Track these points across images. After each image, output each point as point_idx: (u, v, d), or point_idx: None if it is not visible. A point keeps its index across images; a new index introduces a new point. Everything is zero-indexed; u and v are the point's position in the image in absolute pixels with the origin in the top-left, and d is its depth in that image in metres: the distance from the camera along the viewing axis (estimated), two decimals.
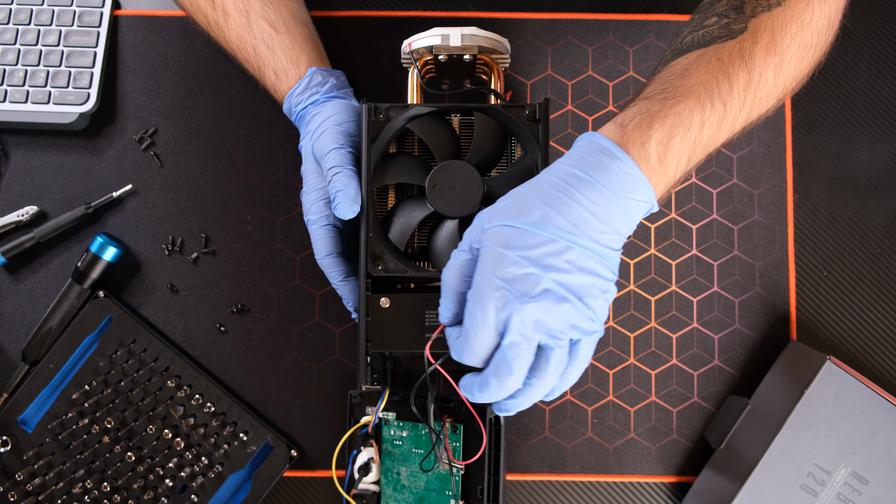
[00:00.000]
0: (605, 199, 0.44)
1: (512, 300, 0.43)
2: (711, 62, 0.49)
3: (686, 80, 0.48)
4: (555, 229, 0.43)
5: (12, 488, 0.65)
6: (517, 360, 0.44)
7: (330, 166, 0.56)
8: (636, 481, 0.68)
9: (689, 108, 0.47)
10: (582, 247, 0.44)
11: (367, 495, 0.63)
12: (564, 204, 0.44)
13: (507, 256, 0.43)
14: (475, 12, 0.73)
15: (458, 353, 0.46)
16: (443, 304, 0.47)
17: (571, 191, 0.44)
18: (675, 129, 0.46)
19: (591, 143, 0.46)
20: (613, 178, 0.45)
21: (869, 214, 0.70)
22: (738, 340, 0.69)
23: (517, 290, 0.43)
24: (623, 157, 0.45)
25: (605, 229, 0.44)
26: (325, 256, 0.59)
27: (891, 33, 0.72)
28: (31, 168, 0.70)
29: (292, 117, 0.63)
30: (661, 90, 0.48)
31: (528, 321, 0.43)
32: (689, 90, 0.48)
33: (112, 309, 0.67)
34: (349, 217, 0.55)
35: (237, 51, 0.63)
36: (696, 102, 0.47)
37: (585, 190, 0.44)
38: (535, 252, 0.43)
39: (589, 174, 0.45)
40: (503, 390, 0.45)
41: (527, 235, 0.43)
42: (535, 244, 0.43)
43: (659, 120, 0.46)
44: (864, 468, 0.59)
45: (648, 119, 0.46)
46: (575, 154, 0.46)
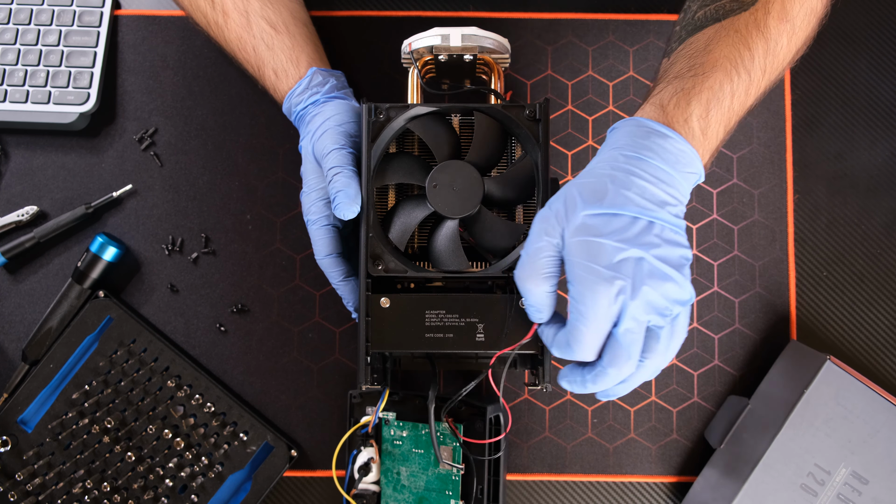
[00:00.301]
0: (668, 174, 0.46)
1: (625, 287, 0.43)
2: (731, 35, 0.51)
3: (710, 54, 0.51)
4: (635, 208, 0.45)
5: (12, 488, 0.65)
6: (634, 346, 0.45)
7: (330, 166, 0.56)
8: (636, 481, 0.68)
9: (718, 81, 0.49)
10: (663, 220, 0.45)
11: (367, 495, 0.63)
12: (635, 184, 0.45)
13: (604, 244, 0.44)
14: (475, 12, 0.73)
15: (565, 349, 0.46)
16: (530, 304, 0.48)
17: (638, 171, 0.46)
18: (710, 103, 0.49)
19: (638, 126, 0.48)
20: (669, 155, 0.47)
21: (869, 214, 0.70)
22: (738, 340, 0.69)
23: (627, 276, 0.43)
24: (674, 136, 0.47)
25: (674, 202, 0.46)
26: (326, 256, 0.59)
27: (891, 33, 0.72)
28: (31, 168, 0.70)
29: (292, 117, 0.63)
30: (689, 67, 0.51)
31: (642, 304, 0.44)
32: (716, 64, 0.50)
33: (112, 309, 0.67)
34: (349, 217, 0.55)
35: (237, 51, 0.63)
36: (724, 75, 0.50)
37: (650, 169, 0.46)
38: (628, 234, 0.44)
39: (646, 155, 0.46)
40: (620, 377, 0.46)
41: (614, 219, 0.44)
42: (624, 226, 0.44)
43: (695, 96, 0.49)
44: (864, 468, 0.59)
45: (685, 97, 0.49)
46: (625, 139, 0.48)
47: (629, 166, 0.46)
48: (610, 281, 0.43)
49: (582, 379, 0.47)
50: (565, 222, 0.46)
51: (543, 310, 0.48)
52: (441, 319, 0.54)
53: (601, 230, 0.44)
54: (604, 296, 0.43)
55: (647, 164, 0.46)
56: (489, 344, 0.54)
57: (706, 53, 0.51)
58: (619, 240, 0.44)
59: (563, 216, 0.46)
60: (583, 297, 0.44)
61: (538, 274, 0.46)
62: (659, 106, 0.49)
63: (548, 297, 0.47)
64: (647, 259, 0.44)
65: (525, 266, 0.47)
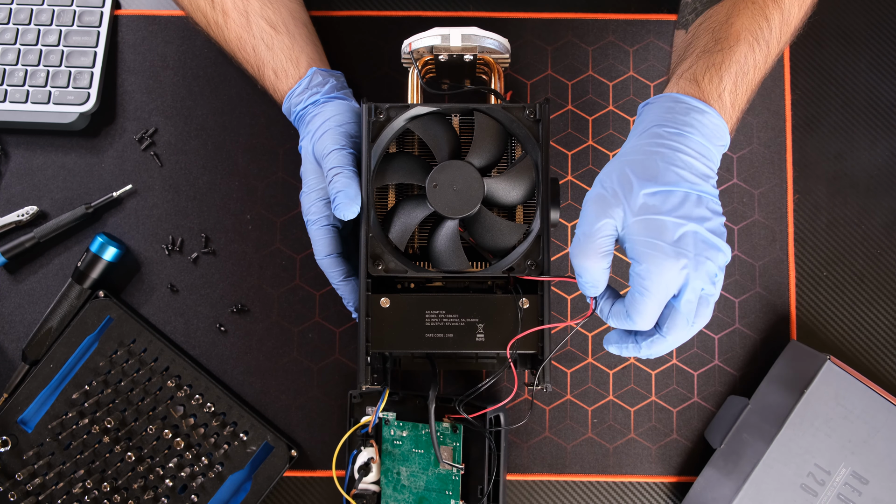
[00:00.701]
0: (706, 148, 0.49)
1: (690, 262, 0.46)
2: (748, 6, 0.54)
3: (732, 27, 0.53)
4: (686, 184, 0.48)
5: (12, 488, 0.65)
6: (692, 314, 0.48)
7: (330, 167, 0.56)
8: (636, 481, 0.68)
9: (743, 53, 0.52)
10: (707, 193, 0.48)
11: (367, 495, 0.63)
12: (682, 160, 0.48)
13: (665, 221, 0.47)
14: (475, 12, 0.73)
15: (624, 319, 0.49)
16: (586, 281, 0.49)
17: (683, 147, 0.49)
18: (738, 77, 0.52)
19: (677, 102, 0.50)
20: (707, 130, 0.50)
21: (869, 214, 0.70)
22: (738, 340, 0.69)
23: (689, 251, 0.46)
24: (711, 111, 0.50)
25: (713, 174, 0.50)
26: (326, 257, 0.59)
27: (891, 33, 0.72)
28: (31, 168, 0.70)
29: (291, 117, 0.63)
30: (714, 41, 0.53)
31: (702, 276, 0.47)
32: (738, 37, 0.53)
33: (112, 309, 0.67)
34: (349, 218, 0.55)
35: (236, 50, 0.63)
36: (748, 47, 0.53)
37: (692, 144, 0.49)
38: (684, 210, 0.47)
39: (689, 132, 0.49)
40: (677, 342, 0.49)
41: (670, 196, 0.47)
42: (680, 202, 0.47)
43: (726, 70, 0.52)
44: (864, 468, 0.59)
45: (718, 72, 0.51)
46: (664, 115, 0.50)
47: (674, 142, 0.49)
48: (676, 257, 0.46)
49: (636, 345, 0.50)
50: (624, 202, 0.48)
51: (599, 285, 0.50)
52: (441, 319, 0.54)
53: (660, 208, 0.47)
54: (670, 270, 0.46)
55: (690, 139, 0.49)
56: (489, 344, 0.54)
57: (728, 26, 0.53)
58: (678, 216, 0.47)
59: (620, 196, 0.48)
60: (649, 273, 0.46)
61: (597, 252, 0.48)
62: (693, 81, 0.51)
63: (604, 274, 0.49)
64: (702, 233, 0.47)
65: (583, 244, 0.49)
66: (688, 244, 0.46)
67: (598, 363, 0.69)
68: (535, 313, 0.54)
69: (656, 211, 0.47)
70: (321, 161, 0.58)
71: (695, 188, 0.48)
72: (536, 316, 0.54)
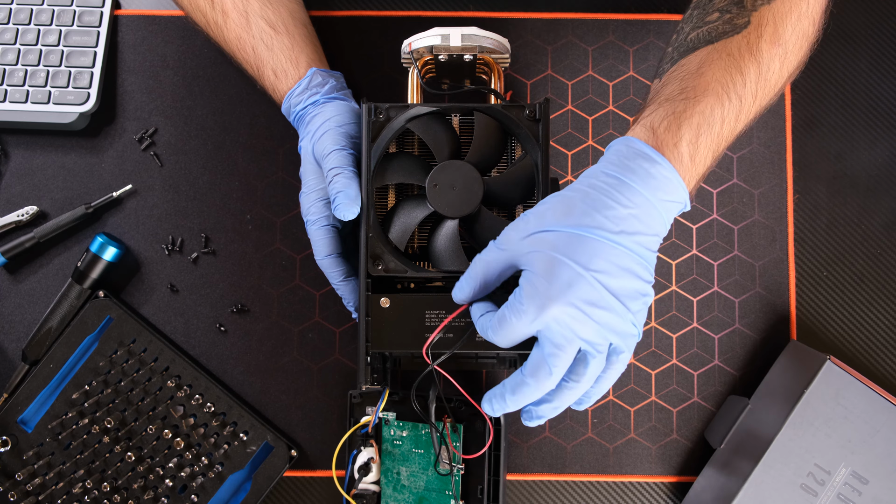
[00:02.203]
0: (646, 201, 0.45)
1: (559, 302, 0.43)
2: (723, 58, 0.50)
3: (702, 77, 0.49)
4: (599, 231, 0.44)
5: (12, 488, 0.65)
6: (557, 361, 0.44)
7: (330, 167, 0.56)
8: (636, 481, 0.68)
9: (710, 105, 0.48)
10: (625, 247, 0.44)
11: (367, 495, 0.63)
12: (607, 206, 0.44)
13: (556, 260, 0.44)
14: (475, 12, 0.73)
15: (487, 331, 0.47)
16: (462, 285, 0.49)
17: (614, 193, 0.45)
18: (700, 128, 0.48)
19: (628, 147, 0.47)
20: (653, 181, 0.45)
21: (869, 214, 0.70)
22: (738, 340, 0.69)
23: (564, 293, 0.43)
24: (662, 162, 0.46)
25: (645, 230, 0.45)
26: (325, 257, 0.59)
27: (891, 33, 0.72)
28: (31, 168, 0.70)
29: (291, 117, 0.63)
30: (680, 90, 0.49)
31: (573, 324, 0.44)
32: (707, 88, 0.49)
33: (112, 309, 0.67)
34: (349, 218, 0.55)
35: (236, 51, 0.63)
36: (716, 99, 0.48)
37: (627, 192, 0.45)
38: (581, 256, 0.43)
39: (629, 178, 0.45)
40: (538, 391, 0.45)
41: (573, 239, 0.44)
42: (581, 248, 0.44)
43: (686, 120, 0.47)
44: (864, 468, 0.59)
45: (676, 120, 0.47)
46: (614, 158, 0.47)
47: (608, 188, 0.45)
48: (547, 292, 0.43)
49: (502, 391, 0.47)
50: (533, 232, 0.46)
51: (467, 292, 0.49)
52: (441, 319, 0.54)
53: (558, 247, 0.44)
54: (536, 304, 0.44)
55: (627, 187, 0.45)
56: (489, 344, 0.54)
57: (698, 76, 0.50)
58: (572, 260, 0.43)
59: (532, 226, 0.46)
60: (522, 296, 0.45)
61: (484, 265, 0.48)
62: (649, 128, 0.47)
63: (481, 287, 0.49)
64: (592, 283, 0.43)
65: (481, 256, 0.48)
66: (575, 293, 0.43)
67: None
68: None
69: (550, 247, 0.44)
70: (321, 161, 0.58)
71: (608, 237, 0.44)
72: None
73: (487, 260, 0.48)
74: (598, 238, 0.44)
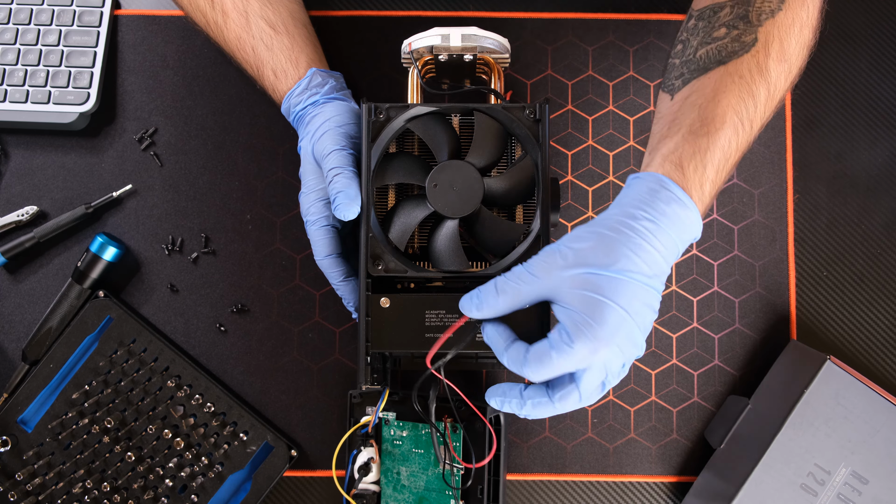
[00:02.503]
0: (674, 244, 0.48)
1: (608, 345, 0.45)
2: (735, 81, 0.52)
3: (719, 105, 0.51)
4: (639, 276, 0.46)
5: (12, 488, 0.65)
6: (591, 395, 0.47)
7: (330, 167, 0.56)
8: (636, 481, 0.68)
9: (728, 138, 0.50)
10: (653, 288, 0.47)
11: (367, 495, 0.63)
12: (645, 251, 0.46)
13: (605, 304, 0.45)
14: (475, 12, 0.73)
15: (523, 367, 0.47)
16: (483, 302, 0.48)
17: (651, 238, 0.47)
18: (721, 163, 0.50)
19: (662, 187, 0.48)
20: (682, 226, 0.48)
21: (869, 214, 0.70)
22: (738, 340, 0.69)
23: (613, 337, 0.45)
24: (692, 207, 0.48)
25: (667, 269, 0.48)
26: (325, 257, 0.59)
27: (891, 33, 0.72)
28: (31, 168, 0.70)
29: (290, 118, 0.63)
30: (701, 121, 0.51)
31: (610, 362, 0.46)
32: (724, 118, 0.51)
33: (112, 309, 0.67)
34: (349, 218, 0.55)
35: (235, 50, 0.63)
36: (733, 131, 0.51)
37: (662, 237, 0.47)
38: (624, 300, 0.45)
39: (664, 224, 0.47)
40: (557, 412, 0.47)
41: (618, 284, 0.45)
42: (624, 292, 0.45)
43: (710, 158, 0.50)
44: (864, 468, 0.59)
45: (702, 159, 0.50)
46: (648, 198, 0.48)
47: (645, 231, 0.47)
48: (604, 343, 0.45)
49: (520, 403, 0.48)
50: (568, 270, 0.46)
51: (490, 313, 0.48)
52: (441, 319, 0.54)
53: (605, 290, 0.45)
54: (587, 347, 0.45)
55: (663, 232, 0.47)
56: None
57: (715, 104, 0.51)
58: (619, 304, 0.45)
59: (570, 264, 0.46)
60: (570, 340, 0.45)
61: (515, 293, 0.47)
62: (678, 166, 0.49)
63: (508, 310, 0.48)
64: (632, 325, 0.45)
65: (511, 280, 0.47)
66: (620, 336, 0.45)
67: None
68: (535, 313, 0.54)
69: (593, 289, 0.45)
70: (321, 161, 0.58)
71: (646, 281, 0.46)
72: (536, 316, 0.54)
73: (520, 288, 0.47)
74: (637, 282, 0.46)
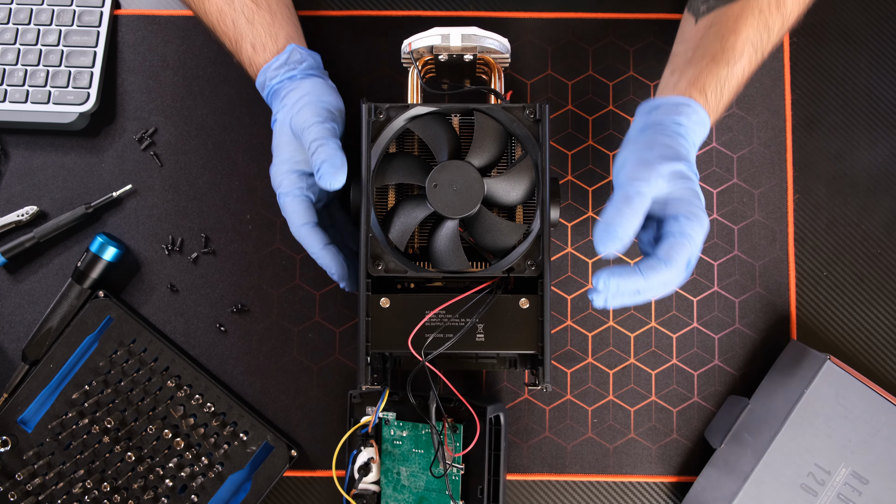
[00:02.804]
0: (695, 146, 0.58)
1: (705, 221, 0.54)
2: (755, 14, 0.58)
3: (739, 37, 0.58)
4: (692, 164, 0.56)
5: (12, 488, 0.65)
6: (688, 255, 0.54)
7: (313, 139, 0.56)
8: (636, 481, 0.68)
9: (742, 67, 0.58)
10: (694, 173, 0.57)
11: (367, 495, 0.63)
12: (689, 146, 0.57)
13: (696, 188, 0.54)
14: (475, 12, 0.73)
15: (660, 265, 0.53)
16: (624, 231, 0.52)
17: (690, 138, 0.57)
18: (735, 89, 0.59)
19: (689, 108, 0.57)
20: (703, 132, 0.58)
21: (869, 214, 0.70)
22: (738, 340, 0.69)
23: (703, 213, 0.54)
24: (708, 127, 0.58)
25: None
26: (302, 225, 0.58)
27: (891, 33, 0.72)
28: (31, 168, 0.70)
29: (264, 91, 0.62)
30: (722, 50, 0.58)
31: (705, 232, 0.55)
32: (743, 49, 0.58)
33: (112, 309, 0.67)
34: (336, 188, 0.54)
35: (216, 23, 0.62)
36: (748, 61, 0.58)
37: (693, 137, 0.57)
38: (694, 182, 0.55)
39: (694, 130, 0.57)
40: (673, 276, 0.53)
41: (690, 170, 0.55)
42: (693, 176, 0.55)
43: (727, 86, 0.58)
44: (864, 468, 0.59)
45: (722, 88, 0.58)
46: (680, 108, 0.57)
47: (685, 133, 0.56)
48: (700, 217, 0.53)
49: (630, 274, 0.52)
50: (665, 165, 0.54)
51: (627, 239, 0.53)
52: (441, 319, 0.54)
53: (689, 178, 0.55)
54: (705, 225, 0.53)
55: (693, 134, 0.57)
56: (489, 344, 0.54)
57: (736, 35, 0.58)
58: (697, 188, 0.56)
59: (664, 160, 0.54)
60: (691, 227, 0.52)
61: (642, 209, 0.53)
62: (702, 91, 0.57)
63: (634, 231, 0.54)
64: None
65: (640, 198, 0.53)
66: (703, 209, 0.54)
67: (598, 363, 0.69)
68: (535, 313, 0.54)
69: (686, 178, 0.54)
70: (300, 134, 0.57)
71: (692, 167, 0.55)
72: (536, 316, 0.54)
73: (642, 195, 0.53)
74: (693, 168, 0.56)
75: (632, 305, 0.59)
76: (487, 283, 0.55)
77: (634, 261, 0.59)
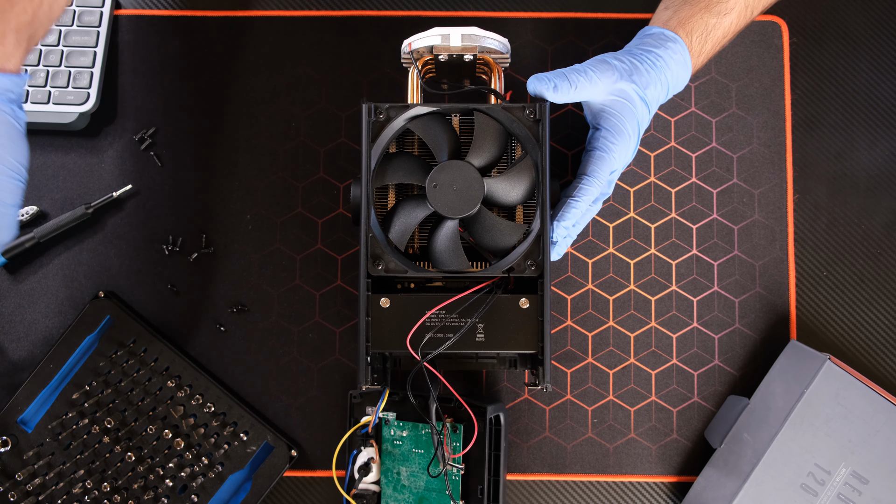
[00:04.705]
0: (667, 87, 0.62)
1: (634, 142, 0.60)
2: None
3: None
4: (654, 104, 0.62)
5: (12, 488, 0.65)
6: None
7: None
8: (636, 481, 0.68)
9: (732, 21, 0.62)
10: (651, 114, 0.62)
11: (367, 495, 0.63)
12: (661, 79, 0.61)
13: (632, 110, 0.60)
14: (475, 12, 0.73)
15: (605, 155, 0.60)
16: (562, 90, 0.58)
17: (665, 67, 0.61)
18: (719, 40, 0.63)
19: (675, 44, 0.61)
20: (682, 73, 0.62)
21: (869, 214, 0.70)
22: (738, 340, 0.69)
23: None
24: (689, 69, 0.62)
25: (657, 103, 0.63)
26: None
27: (891, 33, 0.72)
28: (31, 168, 0.70)
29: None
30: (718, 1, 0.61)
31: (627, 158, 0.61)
32: (734, 4, 0.62)
33: (112, 309, 0.67)
34: None
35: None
36: (737, 16, 0.62)
37: (668, 71, 0.61)
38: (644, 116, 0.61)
39: (672, 65, 0.61)
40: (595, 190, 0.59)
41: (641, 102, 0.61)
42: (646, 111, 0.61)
43: (713, 34, 0.62)
44: (864, 468, 0.59)
45: (706, 33, 0.62)
46: (661, 42, 0.61)
47: (660, 63, 0.60)
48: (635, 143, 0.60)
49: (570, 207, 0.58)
50: (618, 83, 0.59)
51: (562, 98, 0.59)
52: (441, 319, 0.54)
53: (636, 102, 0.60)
54: (623, 139, 0.59)
55: (670, 68, 0.61)
56: (489, 344, 0.54)
57: None
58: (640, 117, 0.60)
59: (620, 78, 0.59)
60: (611, 134, 0.59)
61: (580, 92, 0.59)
62: (689, 34, 0.61)
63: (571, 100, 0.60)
64: (638, 139, 0.62)
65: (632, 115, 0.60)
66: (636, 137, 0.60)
67: (598, 363, 0.69)
68: (535, 313, 0.54)
69: (627, 98, 0.59)
70: None
71: (645, 95, 0.59)
72: (536, 316, 0.54)
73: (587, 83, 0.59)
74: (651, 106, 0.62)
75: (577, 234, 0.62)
76: (487, 282, 0.55)
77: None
